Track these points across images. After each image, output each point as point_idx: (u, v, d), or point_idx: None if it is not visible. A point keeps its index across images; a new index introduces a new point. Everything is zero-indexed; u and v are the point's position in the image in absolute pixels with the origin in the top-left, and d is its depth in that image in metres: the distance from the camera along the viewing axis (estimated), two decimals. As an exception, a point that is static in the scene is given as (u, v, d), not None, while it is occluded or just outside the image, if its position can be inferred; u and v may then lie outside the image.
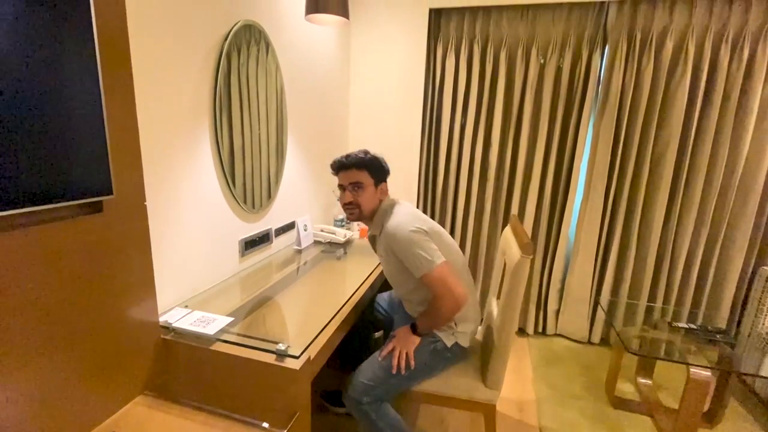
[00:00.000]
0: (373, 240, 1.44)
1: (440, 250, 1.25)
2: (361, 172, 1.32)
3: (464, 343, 1.37)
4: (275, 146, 1.72)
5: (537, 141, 2.29)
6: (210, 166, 1.35)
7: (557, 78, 2.21)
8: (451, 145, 2.44)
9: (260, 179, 1.63)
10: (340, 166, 1.34)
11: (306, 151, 2.04)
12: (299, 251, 1.88)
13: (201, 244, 1.35)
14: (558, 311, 2.45)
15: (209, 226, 1.38)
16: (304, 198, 2.07)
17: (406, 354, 1.30)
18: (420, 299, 1.36)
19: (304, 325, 1.19)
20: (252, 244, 1.62)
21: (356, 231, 2.29)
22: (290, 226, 1.92)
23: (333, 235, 2.05)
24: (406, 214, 1.30)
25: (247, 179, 1.55)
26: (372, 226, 1.38)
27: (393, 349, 1.32)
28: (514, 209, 2.38)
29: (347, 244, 2.07)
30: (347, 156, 1.33)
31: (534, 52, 2.19)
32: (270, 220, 1.76)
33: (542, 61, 2.21)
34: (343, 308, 1.30)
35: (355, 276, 1.59)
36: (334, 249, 1.96)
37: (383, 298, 1.71)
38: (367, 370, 1.30)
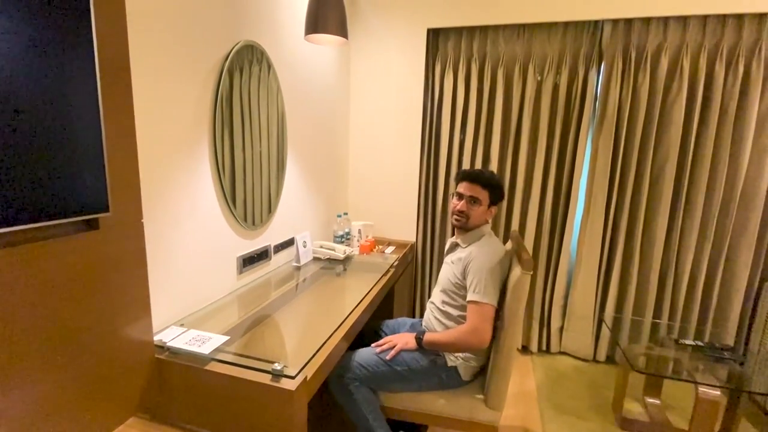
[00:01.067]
0: (453, 246, 1.50)
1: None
2: (485, 191, 1.40)
3: (464, 375, 1.36)
4: (276, 163, 1.73)
5: (536, 156, 2.29)
6: (209, 183, 1.36)
7: (554, 94, 2.23)
8: (450, 161, 2.44)
9: (260, 196, 1.64)
10: (466, 177, 1.42)
11: (306, 167, 2.05)
12: (298, 268, 1.87)
13: (198, 261, 1.34)
14: (561, 328, 2.41)
15: (207, 244, 1.38)
16: (304, 214, 2.07)
17: (395, 347, 1.36)
18: (451, 315, 1.39)
19: (302, 344, 1.17)
20: (250, 261, 1.61)
21: (356, 247, 2.28)
22: (289, 243, 1.91)
23: (332, 252, 2.04)
24: (503, 250, 1.37)
25: (248, 196, 1.55)
26: (463, 237, 1.44)
27: (388, 341, 1.40)
28: (515, 225, 2.37)
29: (347, 260, 2.05)
30: (481, 172, 1.41)
31: (531, 69, 2.22)
32: (269, 237, 1.75)
33: (539, 78, 2.23)
34: (342, 326, 1.28)
35: (354, 293, 1.57)
36: (333, 266, 1.95)
37: (389, 326, 1.69)
38: (362, 354, 1.37)
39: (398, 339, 1.39)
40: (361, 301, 1.49)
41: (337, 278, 1.75)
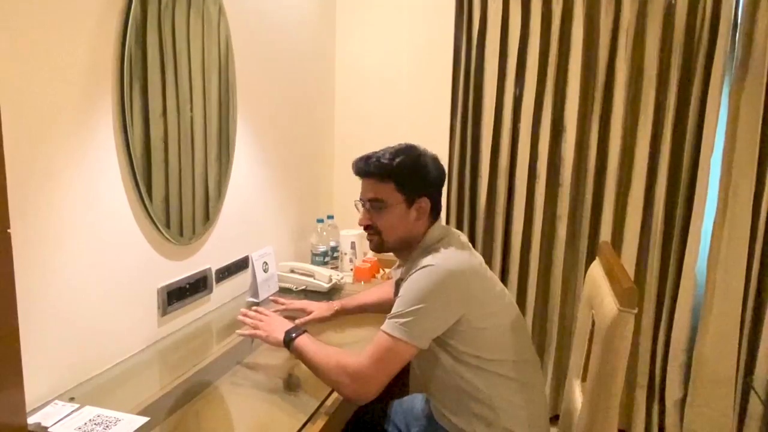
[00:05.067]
0: (398, 287, 1.47)
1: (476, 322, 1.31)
2: (384, 185, 1.37)
3: None
4: (217, 139, 1.74)
5: (638, 124, 2.29)
6: (114, 170, 1.37)
7: (668, 22, 2.22)
8: (499, 129, 2.45)
9: (193, 190, 1.65)
10: (355, 171, 1.42)
11: (265, 145, 2.06)
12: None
13: (96, 296, 1.35)
14: (683, 400, 2.40)
15: (110, 267, 1.39)
16: (263, 220, 2.07)
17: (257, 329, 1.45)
18: (450, 392, 1.37)
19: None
20: (179, 294, 1.63)
21: (348, 271, 2.28)
22: (241, 265, 1.93)
23: (311, 279, 2.04)
24: (465, 266, 1.33)
25: (172, 190, 1.56)
26: (405, 266, 1.42)
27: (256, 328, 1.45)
28: (605, 233, 2.37)
29: (334, 293, 2.05)
30: (368, 157, 1.39)
31: (629, -19, 2.21)
32: (208, 256, 1.77)
33: (642, -5, 2.23)
34: (325, 404, 1.28)
35: (346, 348, 1.57)
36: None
37: (402, 408, 1.69)
38: None
39: (269, 324, 1.43)
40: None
41: (317, 323, 1.72)
